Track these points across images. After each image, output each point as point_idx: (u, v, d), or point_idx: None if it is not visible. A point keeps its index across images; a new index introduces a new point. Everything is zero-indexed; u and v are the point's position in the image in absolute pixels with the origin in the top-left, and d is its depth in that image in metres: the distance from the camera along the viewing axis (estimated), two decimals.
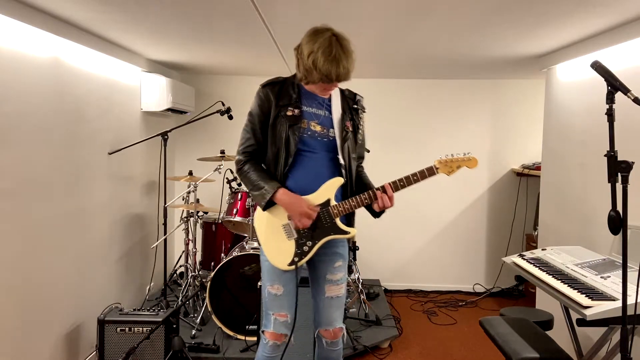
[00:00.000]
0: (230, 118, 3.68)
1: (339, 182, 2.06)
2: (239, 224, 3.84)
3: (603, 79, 1.62)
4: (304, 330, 2.87)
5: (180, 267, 4.33)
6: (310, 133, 2.06)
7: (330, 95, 2.12)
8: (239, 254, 3.34)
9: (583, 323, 1.82)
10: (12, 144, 2.40)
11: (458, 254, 4.94)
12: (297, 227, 2.05)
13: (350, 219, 2.16)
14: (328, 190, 2.06)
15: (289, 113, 2.03)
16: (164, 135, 3.67)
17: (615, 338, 1.87)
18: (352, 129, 2.13)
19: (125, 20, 2.73)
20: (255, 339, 3.07)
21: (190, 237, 3.92)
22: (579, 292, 1.88)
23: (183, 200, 3.89)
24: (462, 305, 4.54)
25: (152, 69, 4.04)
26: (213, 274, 3.36)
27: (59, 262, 2.83)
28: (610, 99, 1.60)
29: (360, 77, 4.71)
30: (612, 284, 1.91)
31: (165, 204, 3.77)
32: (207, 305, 3.40)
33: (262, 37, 3.06)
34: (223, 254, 3.93)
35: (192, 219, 3.89)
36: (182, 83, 4.39)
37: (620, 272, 1.68)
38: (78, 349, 3.06)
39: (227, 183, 3.90)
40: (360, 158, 2.25)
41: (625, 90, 1.57)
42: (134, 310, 3.00)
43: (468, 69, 4.23)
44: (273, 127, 2.04)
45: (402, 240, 4.94)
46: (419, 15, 2.57)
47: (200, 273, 3.93)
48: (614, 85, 1.59)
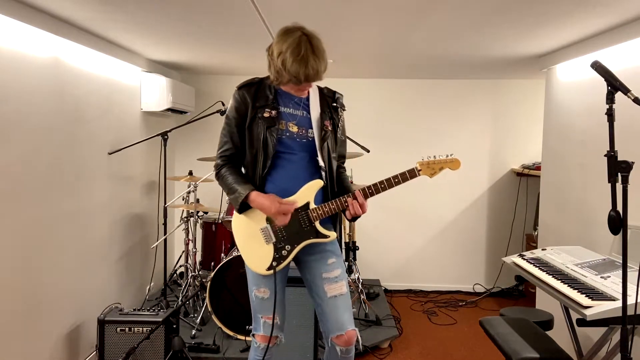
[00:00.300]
0: None
1: (319, 184, 2.02)
2: None
3: (603, 79, 1.62)
4: (304, 331, 2.87)
5: (180, 267, 4.33)
6: (289, 134, 2.01)
7: (309, 95, 2.07)
8: (239, 254, 3.34)
9: (583, 323, 1.82)
10: (12, 144, 2.40)
11: (458, 254, 4.94)
12: (279, 225, 1.99)
13: (335, 221, 2.12)
14: (307, 193, 2.01)
15: (266, 115, 1.98)
16: (164, 135, 3.67)
17: (615, 338, 1.87)
18: (331, 128, 2.08)
19: (125, 20, 2.73)
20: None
21: (190, 237, 3.92)
22: (579, 292, 1.88)
23: (183, 200, 3.89)
24: (462, 305, 4.54)
25: (152, 69, 4.04)
26: (213, 274, 3.36)
27: (59, 262, 2.83)
28: (610, 99, 1.60)
29: (360, 77, 4.71)
30: (612, 284, 1.91)
31: (165, 204, 3.77)
32: (207, 305, 3.40)
33: (262, 37, 3.06)
34: (223, 254, 3.93)
35: (192, 219, 3.89)
36: (182, 83, 4.39)
37: (620, 272, 1.68)
38: (78, 349, 3.06)
39: None
40: (342, 157, 2.21)
41: (625, 90, 1.57)
42: (134, 310, 3.00)
43: (468, 69, 4.23)
44: (250, 129, 2.01)
45: (402, 240, 4.94)
46: (419, 15, 2.57)
47: (200, 273, 3.93)
48: (614, 85, 1.59)
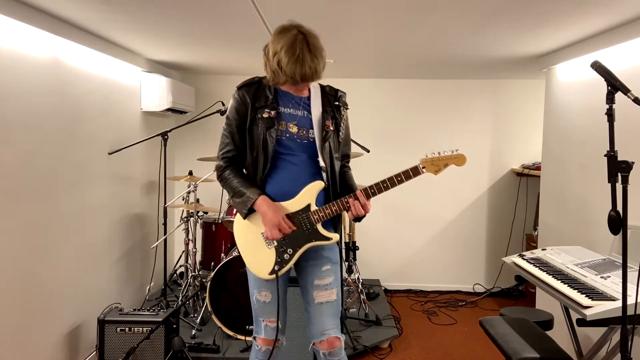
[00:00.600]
0: None
1: (320, 186, 1.97)
2: None
3: (603, 79, 1.62)
4: (303, 331, 2.87)
5: (180, 267, 4.33)
6: (289, 135, 1.97)
7: (310, 94, 2.03)
8: (239, 254, 3.34)
9: (583, 323, 1.82)
10: (12, 144, 2.40)
11: (458, 254, 4.94)
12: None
13: (337, 223, 2.08)
14: (308, 195, 1.96)
15: (265, 115, 1.94)
16: (164, 135, 3.67)
17: (615, 338, 1.86)
18: (333, 128, 2.03)
19: (125, 20, 2.73)
20: (250, 337, 3.06)
21: (190, 237, 3.92)
22: (579, 292, 1.88)
23: (183, 200, 3.89)
24: (462, 305, 4.54)
25: (152, 69, 4.04)
26: (213, 274, 3.36)
27: (59, 262, 2.83)
28: (610, 99, 1.60)
29: (360, 77, 4.71)
30: (612, 284, 1.91)
31: (165, 204, 3.77)
32: (207, 305, 3.40)
33: (261, 37, 3.06)
34: (223, 254, 3.93)
35: (192, 219, 3.89)
36: (182, 83, 4.39)
37: (620, 272, 1.68)
38: (78, 349, 3.06)
39: None
40: (345, 157, 2.16)
41: (625, 90, 1.57)
42: (134, 310, 3.00)
43: (468, 69, 4.23)
44: (250, 130, 1.97)
45: (402, 240, 4.93)
46: (419, 16, 2.57)
47: (200, 273, 3.93)
48: (614, 85, 1.59)
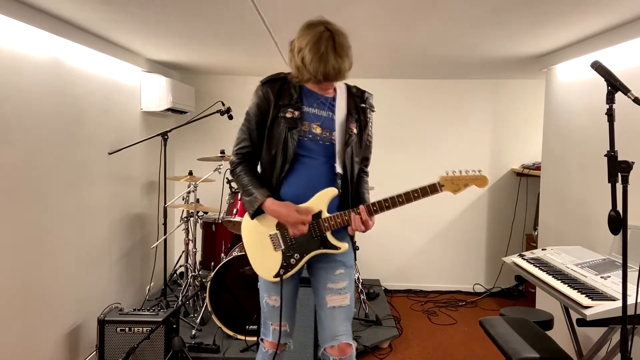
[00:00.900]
0: (230, 118, 3.68)
1: (333, 193, 1.91)
2: (239, 224, 3.82)
3: (603, 79, 1.62)
4: (303, 332, 2.87)
5: (180, 267, 4.33)
6: (312, 136, 1.90)
7: (335, 94, 1.96)
8: (239, 254, 3.34)
9: (583, 323, 1.82)
10: (12, 144, 2.40)
11: (458, 254, 4.94)
12: (294, 234, 1.91)
13: (347, 231, 1.99)
14: (320, 201, 1.90)
15: (289, 115, 1.87)
16: (164, 135, 3.67)
17: (615, 338, 1.86)
18: (357, 131, 1.95)
19: (125, 20, 2.73)
20: (255, 339, 3.07)
21: (190, 237, 3.92)
22: (579, 292, 1.88)
23: (183, 200, 3.88)
24: (462, 305, 4.54)
25: (152, 69, 4.04)
26: (213, 274, 3.36)
27: (59, 262, 2.83)
28: (610, 99, 1.60)
29: (360, 77, 4.71)
30: (612, 284, 1.91)
31: (165, 204, 3.77)
32: (207, 305, 3.40)
33: (262, 37, 3.06)
34: (223, 254, 3.93)
35: (192, 219, 3.89)
36: (182, 83, 4.39)
37: (620, 272, 1.68)
38: (78, 349, 3.06)
39: (227, 183, 3.90)
40: (365, 160, 2.09)
41: (625, 90, 1.57)
42: (134, 310, 3.00)
43: (468, 69, 4.23)
44: (271, 129, 1.90)
45: (402, 240, 4.94)
46: (419, 16, 2.57)
47: (200, 273, 3.93)
48: (614, 85, 1.59)
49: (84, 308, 3.11)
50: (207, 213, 4.15)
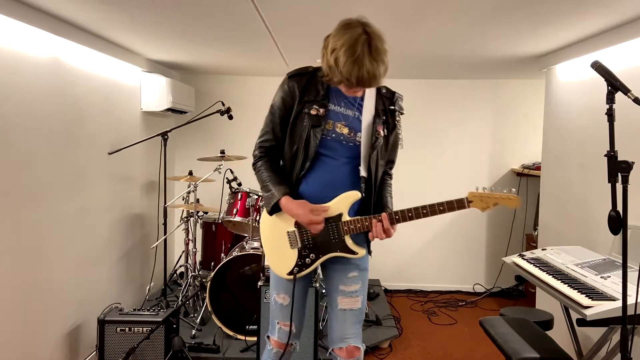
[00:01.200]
0: (230, 118, 3.68)
1: (356, 196, 1.86)
2: (239, 224, 3.84)
3: (603, 79, 1.62)
4: (304, 331, 2.86)
5: (180, 267, 4.33)
6: (335, 136, 1.85)
7: (364, 93, 1.90)
8: (239, 254, 3.34)
9: (583, 323, 1.82)
10: (12, 144, 2.40)
11: (458, 254, 4.94)
12: (313, 233, 1.90)
13: (367, 236, 1.92)
14: (342, 204, 1.87)
15: (313, 112, 1.82)
16: (164, 135, 3.67)
17: (615, 338, 1.87)
18: (384, 134, 1.90)
19: (125, 20, 2.73)
20: (255, 339, 3.07)
21: (190, 237, 3.92)
22: (579, 292, 1.88)
23: (183, 200, 3.88)
24: (462, 305, 4.54)
25: (152, 69, 4.04)
26: (213, 274, 3.36)
27: (59, 262, 2.83)
28: (610, 99, 1.60)
29: None
30: (612, 284, 1.91)
31: (165, 204, 3.77)
32: (207, 305, 3.40)
33: (262, 37, 3.06)
34: (223, 254, 3.93)
35: (192, 219, 3.89)
36: (182, 83, 4.39)
37: (620, 272, 1.68)
38: (78, 349, 3.06)
39: (227, 183, 3.90)
40: (390, 162, 2.04)
41: (625, 90, 1.57)
42: (134, 310, 3.00)
43: (468, 69, 4.23)
44: (294, 124, 1.86)
45: (402, 240, 4.93)
46: (419, 16, 2.57)
47: (200, 273, 3.93)
48: (614, 85, 1.59)
49: (84, 308, 3.11)
50: (207, 213, 4.15)
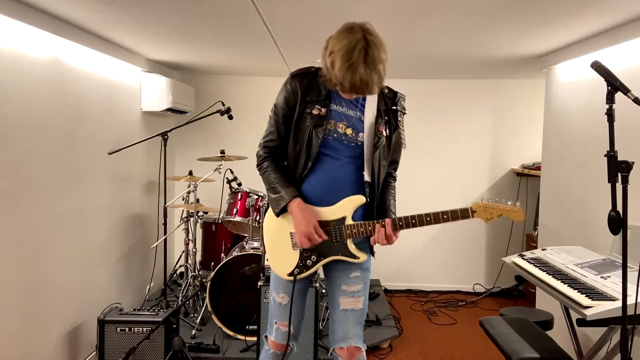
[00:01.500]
0: (230, 118, 3.68)
1: (360, 201, 1.87)
2: (239, 224, 3.84)
3: (603, 79, 1.62)
4: (304, 330, 2.86)
5: (180, 267, 4.33)
6: (337, 135, 1.86)
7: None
8: (239, 254, 3.34)
9: (583, 323, 1.82)
10: (12, 144, 2.40)
11: (458, 254, 4.94)
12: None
13: (369, 241, 1.93)
14: (346, 207, 1.87)
15: (315, 112, 1.83)
16: (164, 135, 3.67)
17: (615, 338, 1.87)
18: (386, 134, 1.91)
19: (125, 20, 2.73)
20: (255, 339, 3.07)
21: (190, 237, 3.92)
22: (579, 292, 1.88)
23: (183, 200, 3.88)
24: (462, 305, 4.54)
25: (152, 69, 4.04)
26: (213, 274, 3.36)
27: (59, 261, 2.83)
28: (610, 99, 1.60)
29: None
30: (612, 284, 1.91)
31: (165, 204, 3.77)
32: (207, 305, 3.40)
33: (262, 37, 3.06)
34: (223, 254, 3.93)
35: (192, 219, 3.89)
36: (182, 83, 4.39)
37: (620, 272, 1.68)
38: (78, 349, 3.06)
39: (227, 183, 3.90)
40: (393, 163, 2.04)
41: (625, 90, 1.57)
42: (134, 310, 3.00)
43: (468, 69, 4.23)
44: (297, 124, 1.86)
45: (402, 240, 4.85)
46: (419, 16, 2.57)
47: (200, 273, 3.93)
48: (614, 85, 1.59)
49: (84, 308, 3.11)
50: (207, 213, 4.15)
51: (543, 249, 2.52)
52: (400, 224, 1.85)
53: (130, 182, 3.86)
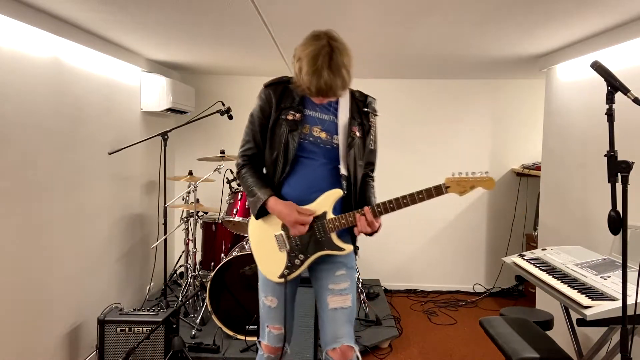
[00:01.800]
0: (230, 118, 3.68)
1: (338, 194, 1.92)
2: (239, 224, 3.84)
3: (603, 79, 1.62)
4: (304, 331, 2.87)
5: (180, 267, 4.33)
6: (313, 139, 1.93)
7: (338, 98, 1.97)
8: (239, 254, 3.34)
9: (583, 323, 1.82)
10: (12, 144, 2.40)
11: (458, 254, 4.94)
12: (294, 235, 1.94)
13: (353, 233, 1.98)
14: (325, 203, 1.92)
15: (290, 117, 1.90)
16: (164, 135, 3.67)
17: (615, 338, 1.87)
18: (360, 135, 1.98)
19: (125, 20, 2.73)
20: (255, 339, 3.07)
21: (190, 237, 3.92)
22: (579, 292, 1.88)
23: (183, 200, 3.89)
24: (462, 305, 4.54)
25: (152, 69, 4.04)
26: (213, 274, 3.35)
27: (59, 262, 2.83)
28: (610, 99, 1.60)
29: (360, 77, 4.70)
30: (612, 284, 1.91)
31: (165, 204, 3.77)
32: (207, 305, 3.40)
33: (262, 37, 3.06)
34: (223, 254, 3.93)
35: (192, 219, 3.89)
36: (182, 83, 4.39)
37: (620, 272, 1.68)
38: (78, 349, 3.06)
39: (227, 183, 3.90)
40: (370, 165, 2.11)
41: (625, 90, 1.57)
42: (134, 310, 3.00)
43: (468, 69, 4.23)
44: (273, 130, 1.94)
45: (402, 240, 4.93)
46: (419, 16, 2.57)
47: (200, 273, 3.93)
48: (614, 85, 1.59)
49: (84, 308, 3.11)
50: (207, 213, 4.15)
51: (543, 249, 2.52)
52: (379, 210, 1.89)
53: (130, 182, 3.86)
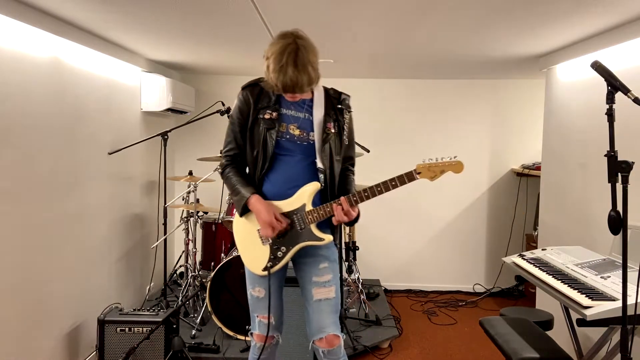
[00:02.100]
0: None
1: (315, 187, 2.00)
2: None
3: (603, 79, 1.62)
4: (303, 330, 2.86)
5: (180, 267, 4.33)
6: (289, 137, 2.00)
7: (313, 96, 2.05)
8: (239, 254, 3.34)
9: (583, 323, 1.81)
10: (12, 144, 2.40)
11: (458, 254, 4.94)
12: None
13: (333, 224, 2.06)
14: (304, 196, 2.00)
15: (267, 116, 1.99)
16: (164, 135, 3.67)
17: (615, 338, 1.87)
18: (335, 130, 2.05)
19: (125, 21, 2.73)
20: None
21: (190, 237, 3.92)
22: (579, 292, 1.88)
23: (183, 200, 3.89)
24: (462, 305, 4.54)
25: (152, 69, 4.04)
26: (213, 274, 3.36)
27: (59, 262, 2.83)
28: (610, 99, 1.60)
29: (360, 77, 4.71)
30: (612, 284, 1.91)
31: (165, 204, 3.77)
32: (207, 305, 3.40)
33: (262, 37, 3.06)
34: (223, 254, 3.93)
35: (192, 219, 3.89)
36: (182, 83, 4.39)
37: (620, 272, 1.68)
38: (78, 349, 3.06)
39: None
40: (348, 159, 2.18)
41: (625, 90, 1.57)
42: (134, 310, 3.00)
43: (468, 69, 4.23)
44: (251, 130, 2.02)
45: (402, 240, 4.93)
46: (419, 16, 2.57)
47: (200, 273, 3.93)
48: (614, 85, 1.59)
49: (84, 308, 3.11)
50: (207, 213, 4.15)
51: (543, 249, 2.52)
52: (355, 199, 1.96)
53: (130, 182, 3.86)
